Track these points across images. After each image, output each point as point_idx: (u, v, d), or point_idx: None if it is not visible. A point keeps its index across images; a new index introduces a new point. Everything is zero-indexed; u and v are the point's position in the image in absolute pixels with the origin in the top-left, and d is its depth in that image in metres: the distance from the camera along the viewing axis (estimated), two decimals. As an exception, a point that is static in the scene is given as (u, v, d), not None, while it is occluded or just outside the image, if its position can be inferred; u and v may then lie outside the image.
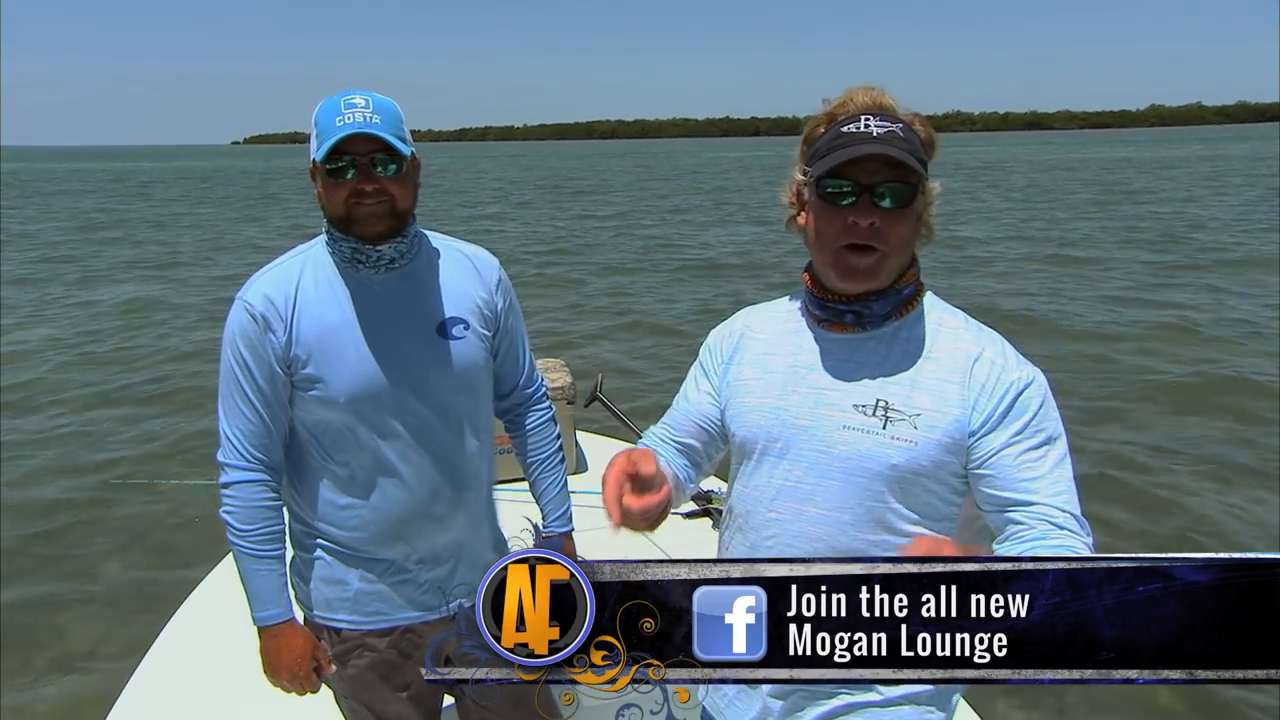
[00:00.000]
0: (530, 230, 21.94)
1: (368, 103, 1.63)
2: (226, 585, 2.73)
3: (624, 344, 10.05)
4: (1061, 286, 12.64)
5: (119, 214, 28.55)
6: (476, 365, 1.80)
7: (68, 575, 4.84)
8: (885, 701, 1.37)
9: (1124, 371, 8.29)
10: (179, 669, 2.43)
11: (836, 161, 1.27)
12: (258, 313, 1.67)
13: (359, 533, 1.76)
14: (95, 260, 17.22)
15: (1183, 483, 5.74)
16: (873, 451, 1.31)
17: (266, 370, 1.68)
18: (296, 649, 1.74)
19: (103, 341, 10.40)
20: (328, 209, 1.69)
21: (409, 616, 1.81)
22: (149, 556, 5.04)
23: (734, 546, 1.45)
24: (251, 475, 1.71)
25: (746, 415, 1.42)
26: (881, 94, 1.33)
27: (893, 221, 1.29)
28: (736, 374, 1.46)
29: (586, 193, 36.48)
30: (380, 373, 1.70)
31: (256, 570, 1.72)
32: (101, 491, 5.90)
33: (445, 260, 1.81)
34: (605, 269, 15.53)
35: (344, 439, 1.72)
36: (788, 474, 1.37)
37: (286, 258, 1.76)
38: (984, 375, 1.32)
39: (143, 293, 13.44)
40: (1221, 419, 6.89)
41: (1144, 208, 23.76)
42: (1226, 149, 65.62)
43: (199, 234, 21.99)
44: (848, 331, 1.38)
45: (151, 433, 7.22)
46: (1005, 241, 17.47)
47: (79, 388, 8.49)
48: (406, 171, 1.68)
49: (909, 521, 1.33)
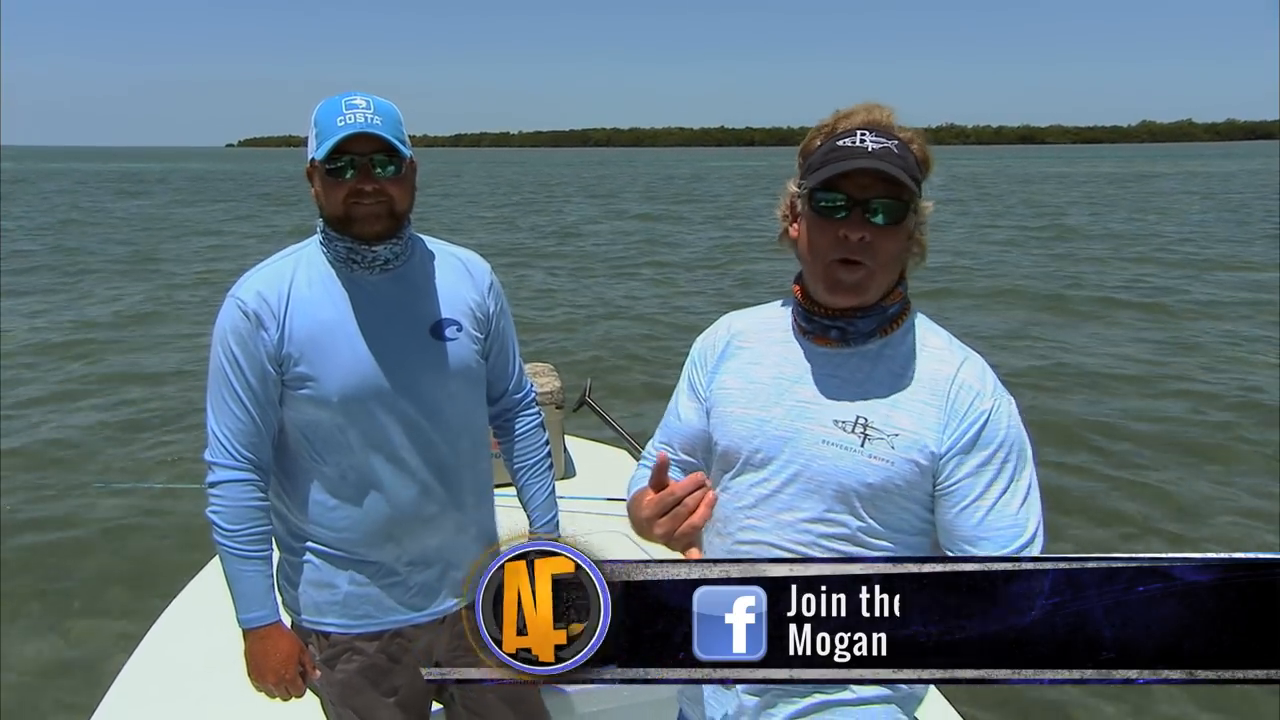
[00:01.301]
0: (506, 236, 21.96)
1: (368, 104, 1.63)
2: (211, 589, 2.71)
3: (612, 347, 10.06)
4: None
5: (108, 212, 28.45)
6: (469, 367, 1.80)
7: (46, 578, 4.79)
8: (858, 700, 1.39)
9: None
10: (163, 673, 2.41)
11: (830, 174, 1.28)
12: (250, 310, 1.66)
13: (349, 534, 1.75)
14: (86, 257, 17.15)
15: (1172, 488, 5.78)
16: (850, 468, 1.33)
17: (258, 368, 1.67)
18: (282, 651, 1.72)
19: (90, 340, 10.33)
20: (325, 208, 1.68)
21: (398, 620, 1.80)
22: (132, 560, 4.99)
23: (710, 550, 1.47)
24: (240, 475, 1.69)
25: (730, 424, 1.44)
26: (884, 111, 1.34)
27: (883, 237, 1.30)
28: (721, 382, 1.47)
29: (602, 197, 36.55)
30: (373, 373, 1.69)
31: (243, 571, 1.70)
32: (85, 494, 5.85)
33: (439, 262, 1.81)
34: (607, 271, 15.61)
35: (335, 439, 1.71)
36: (766, 483, 1.39)
37: (279, 256, 1.75)
38: (956, 399, 1.34)
39: (131, 292, 13.38)
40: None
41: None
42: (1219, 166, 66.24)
43: (189, 231, 21.93)
44: (832, 346, 1.39)
45: (139, 435, 7.17)
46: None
47: (61, 386, 8.43)
48: (405, 173, 1.68)
49: (879, 537, 1.35)
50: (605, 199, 36.82)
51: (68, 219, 25.87)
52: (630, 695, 2.27)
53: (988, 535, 1.31)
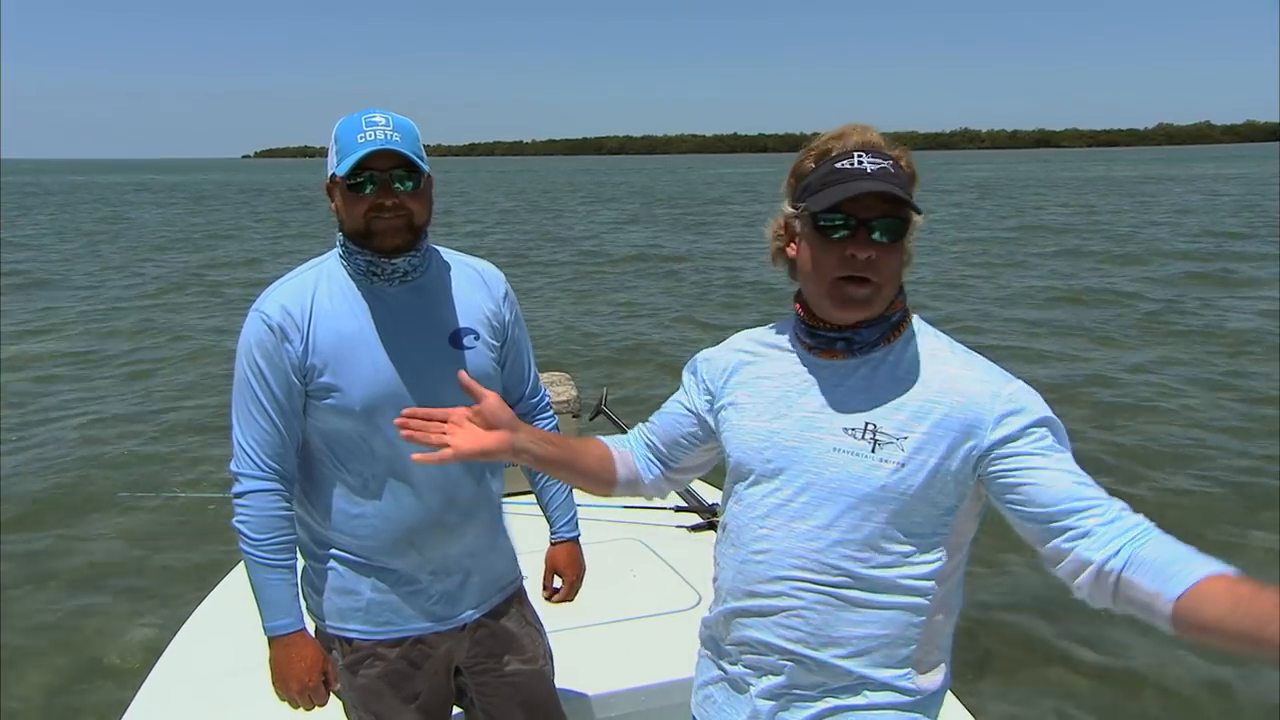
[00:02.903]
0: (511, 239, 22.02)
1: (388, 121, 1.67)
2: (235, 596, 2.75)
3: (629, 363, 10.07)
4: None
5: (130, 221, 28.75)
6: (487, 375, 1.82)
7: (75, 586, 4.86)
8: (869, 705, 1.40)
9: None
10: (188, 680, 2.44)
11: (839, 198, 1.32)
12: (274, 323, 1.69)
13: (371, 542, 1.77)
14: (107, 270, 17.35)
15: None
16: (862, 473, 1.35)
17: (283, 380, 1.70)
18: (307, 659, 1.74)
19: (110, 350, 10.46)
20: (346, 222, 1.72)
21: (420, 627, 1.82)
22: (157, 568, 5.06)
23: (724, 560, 1.50)
24: (266, 485, 1.72)
25: (741, 437, 1.47)
26: (873, 132, 1.39)
27: (887, 254, 1.34)
28: (731, 397, 1.51)
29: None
30: (395, 382, 1.72)
31: (269, 580, 1.72)
32: (110, 501, 5.92)
33: (455, 273, 1.84)
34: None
35: (358, 448, 1.74)
36: (778, 493, 1.41)
37: (300, 270, 1.79)
38: (972, 397, 1.34)
39: (154, 304, 13.53)
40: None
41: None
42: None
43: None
44: (838, 358, 1.42)
45: (164, 443, 7.25)
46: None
47: (83, 396, 8.54)
48: (423, 188, 1.71)
49: (896, 541, 1.36)
50: (609, 202, 36.76)
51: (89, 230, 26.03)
52: (646, 700, 2.29)
53: (1077, 493, 1.25)
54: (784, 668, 1.41)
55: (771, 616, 1.41)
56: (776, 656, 1.41)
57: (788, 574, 1.39)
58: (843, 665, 1.39)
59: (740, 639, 1.45)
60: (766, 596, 1.41)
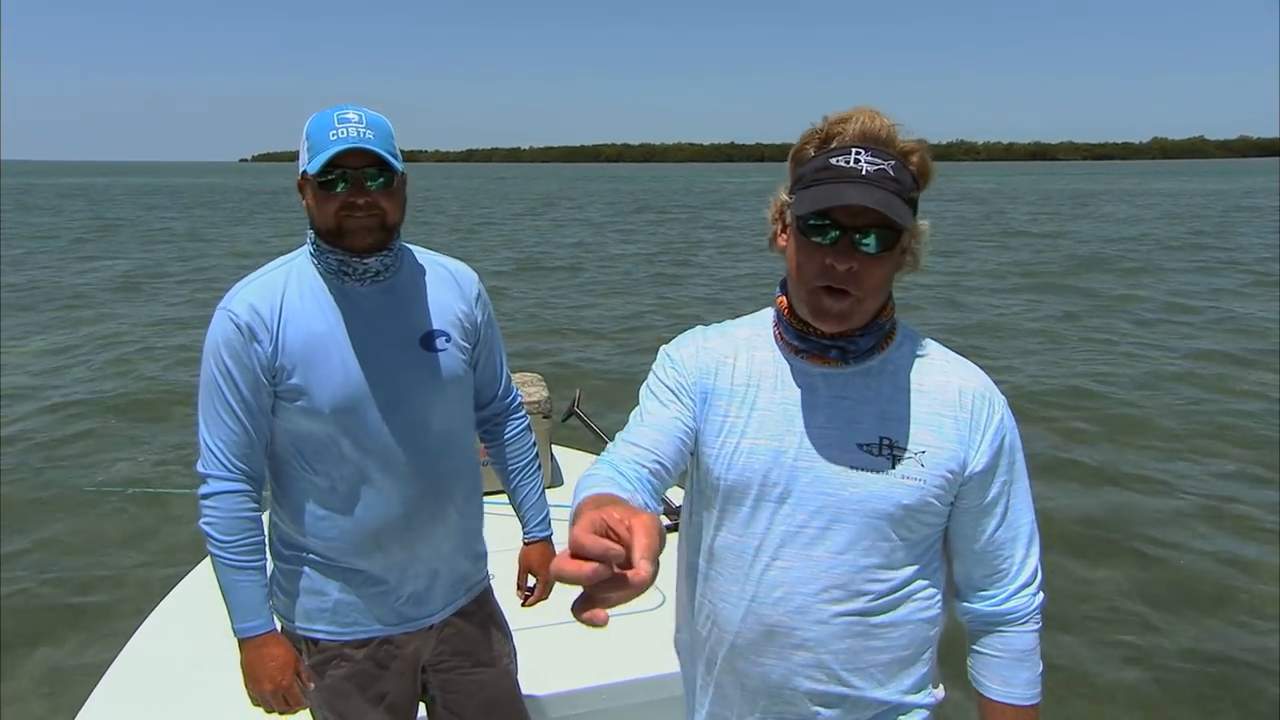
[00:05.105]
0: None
1: (360, 118, 1.63)
2: (197, 593, 2.72)
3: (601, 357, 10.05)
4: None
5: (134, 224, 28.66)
6: (458, 377, 1.81)
7: (42, 582, 4.81)
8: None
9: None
10: (148, 675, 2.41)
11: (821, 204, 1.21)
12: (243, 322, 1.66)
13: (338, 543, 1.76)
14: (83, 273, 17.26)
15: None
16: (883, 492, 1.28)
17: (251, 380, 1.68)
18: (279, 660, 1.72)
19: (84, 351, 10.40)
20: (317, 221, 1.69)
21: (387, 628, 1.81)
22: (121, 564, 5.00)
23: (726, 594, 1.37)
24: (233, 485, 1.69)
25: (737, 458, 1.34)
26: (881, 121, 1.25)
27: (872, 265, 1.23)
28: (714, 409, 1.37)
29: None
30: (365, 384, 1.70)
31: (238, 581, 1.70)
32: (81, 496, 5.89)
33: (428, 274, 1.82)
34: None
35: (326, 450, 1.72)
36: (790, 519, 1.31)
37: (269, 269, 1.76)
38: (974, 410, 1.33)
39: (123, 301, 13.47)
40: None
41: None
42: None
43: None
44: (831, 365, 1.33)
45: (134, 440, 7.20)
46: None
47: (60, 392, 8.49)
48: (396, 186, 1.69)
49: (908, 555, 1.34)
50: (607, 209, 36.78)
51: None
52: (609, 698, 2.29)
53: (1009, 571, 1.39)
54: (816, 714, 1.35)
55: (796, 655, 1.33)
56: (807, 701, 1.35)
57: (811, 606, 1.31)
58: (874, 696, 1.35)
59: (761, 685, 1.37)
60: (788, 632, 1.32)
